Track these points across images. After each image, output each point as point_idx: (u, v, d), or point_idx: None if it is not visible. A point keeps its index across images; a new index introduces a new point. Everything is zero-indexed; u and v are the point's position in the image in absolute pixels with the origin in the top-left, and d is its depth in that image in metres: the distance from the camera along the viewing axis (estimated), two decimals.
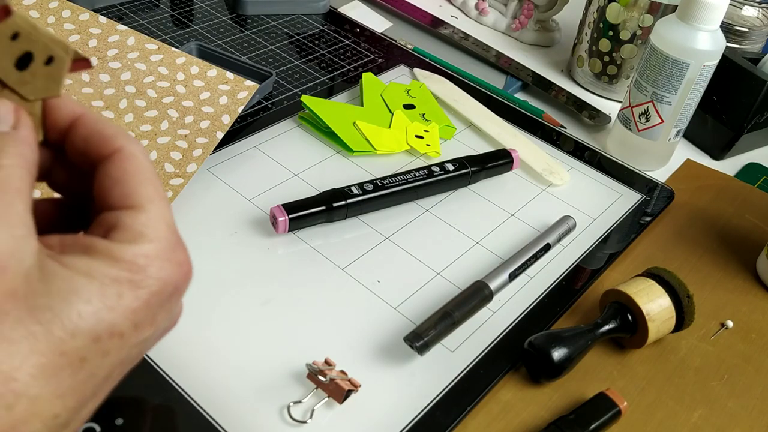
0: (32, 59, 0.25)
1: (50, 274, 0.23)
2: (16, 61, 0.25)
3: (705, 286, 0.52)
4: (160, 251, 0.25)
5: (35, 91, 0.26)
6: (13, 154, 0.24)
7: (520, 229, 0.54)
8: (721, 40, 0.56)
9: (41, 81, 0.26)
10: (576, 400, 0.43)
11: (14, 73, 0.25)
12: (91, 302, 0.23)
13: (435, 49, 0.77)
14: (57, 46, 0.25)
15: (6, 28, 0.25)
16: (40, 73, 0.25)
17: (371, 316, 0.45)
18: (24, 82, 0.25)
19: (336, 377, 0.39)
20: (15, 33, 0.25)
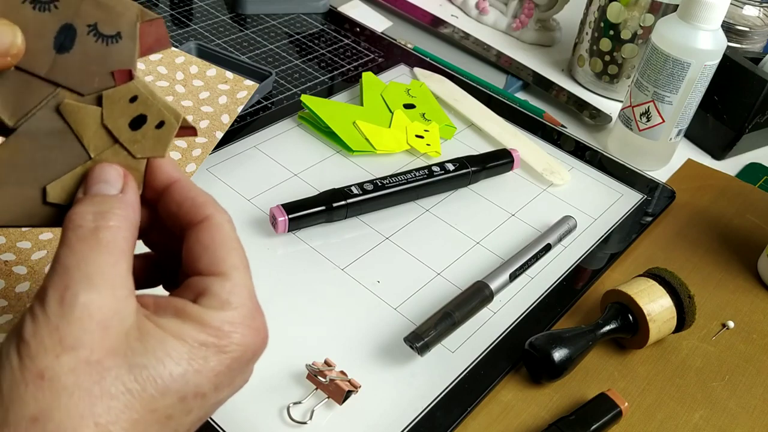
0: (145, 121, 0.28)
1: (146, 334, 0.25)
2: (130, 122, 0.28)
3: (706, 287, 0.52)
4: (243, 318, 0.27)
5: (143, 150, 0.28)
6: (119, 217, 0.26)
7: (521, 229, 0.54)
8: (722, 40, 0.56)
9: (150, 142, 0.28)
10: (577, 400, 0.42)
11: (127, 132, 0.28)
12: (181, 364, 0.25)
13: (435, 49, 0.77)
14: (169, 113, 0.28)
15: (127, 91, 0.28)
16: (150, 135, 0.28)
17: (371, 316, 0.45)
18: (135, 141, 0.28)
19: (336, 378, 0.39)
20: (134, 96, 0.28)
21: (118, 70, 0.28)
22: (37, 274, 0.42)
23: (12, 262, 0.43)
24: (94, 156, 0.28)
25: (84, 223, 0.26)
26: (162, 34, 0.29)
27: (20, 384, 0.22)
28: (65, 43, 0.27)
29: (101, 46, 0.27)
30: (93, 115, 0.28)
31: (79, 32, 0.27)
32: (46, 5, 0.27)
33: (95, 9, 0.27)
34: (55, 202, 0.28)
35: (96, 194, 0.27)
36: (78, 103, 0.27)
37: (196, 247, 0.28)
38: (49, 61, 0.27)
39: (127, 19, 0.28)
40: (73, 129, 0.28)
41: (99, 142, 0.28)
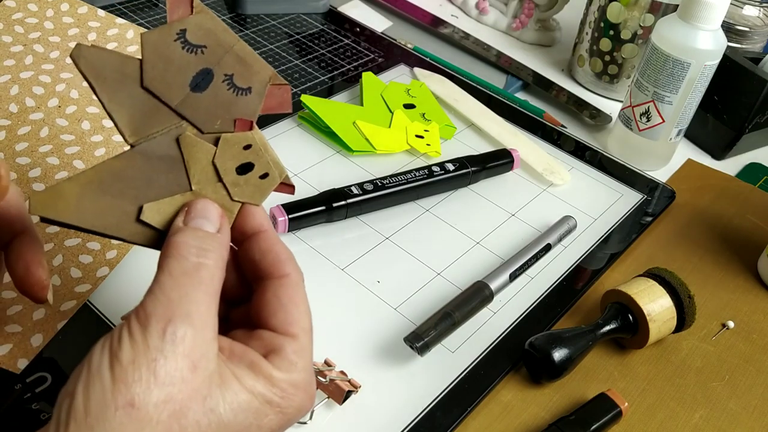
0: (252, 169, 0.30)
1: (225, 382, 0.26)
2: (238, 166, 0.30)
3: (706, 287, 0.52)
4: (303, 383, 0.28)
5: (242, 195, 0.30)
6: (215, 256, 0.27)
7: (521, 229, 0.54)
8: (722, 40, 0.56)
9: (250, 189, 0.30)
10: (577, 400, 0.42)
11: (232, 175, 0.30)
12: (248, 418, 0.26)
13: (435, 49, 0.77)
14: (275, 168, 0.31)
15: (244, 139, 0.30)
16: (252, 183, 0.30)
17: (371, 316, 0.45)
18: (237, 184, 0.30)
19: (336, 378, 0.39)
20: (249, 144, 0.30)
21: (241, 119, 0.30)
22: None
23: None
24: (195, 188, 0.30)
25: (189, 255, 0.27)
26: (286, 99, 0.31)
27: (110, 406, 0.23)
28: (201, 84, 0.30)
29: (231, 95, 0.30)
30: (206, 152, 0.30)
31: (215, 78, 0.30)
32: (195, 48, 0.29)
33: (236, 62, 0.30)
34: (147, 222, 0.29)
35: (197, 228, 0.28)
36: (197, 137, 0.30)
37: (273, 302, 0.29)
38: (182, 96, 0.29)
39: (260, 78, 0.30)
40: (185, 159, 0.30)
41: (204, 177, 0.30)
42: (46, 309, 0.41)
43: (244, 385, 0.26)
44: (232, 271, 0.31)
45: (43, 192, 0.28)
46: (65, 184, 0.28)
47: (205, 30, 0.30)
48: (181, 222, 0.29)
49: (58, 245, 0.44)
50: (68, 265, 0.43)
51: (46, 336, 0.40)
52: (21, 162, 0.47)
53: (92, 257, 0.44)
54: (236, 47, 0.30)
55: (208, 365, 0.25)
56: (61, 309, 0.41)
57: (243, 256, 0.31)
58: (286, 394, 0.27)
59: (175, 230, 0.28)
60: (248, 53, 0.30)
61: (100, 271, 0.44)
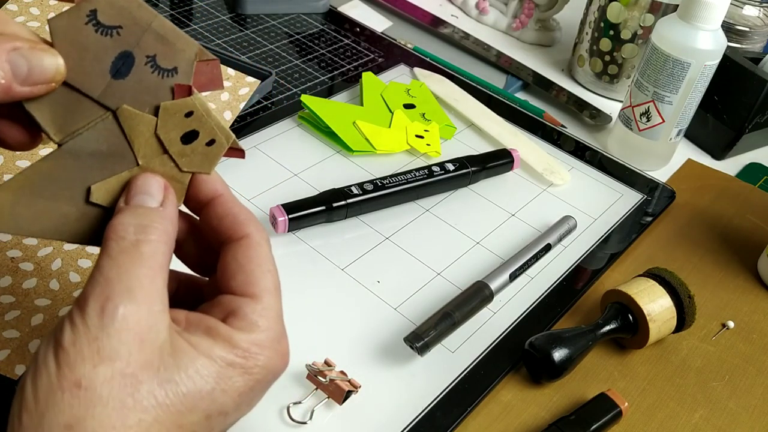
0: (197, 137, 0.29)
1: (179, 350, 0.25)
2: (182, 135, 0.29)
3: (706, 287, 0.52)
4: (270, 341, 0.27)
5: (190, 164, 0.29)
6: (159, 231, 0.27)
7: (521, 229, 0.54)
8: (722, 40, 0.56)
9: (198, 158, 0.29)
10: (577, 400, 0.42)
11: (178, 145, 0.29)
12: (209, 383, 0.25)
13: (435, 49, 0.77)
14: (221, 133, 0.29)
15: (184, 106, 0.28)
16: (199, 151, 0.29)
17: (371, 316, 0.45)
18: (183, 154, 0.29)
19: (336, 378, 0.39)
20: (190, 111, 0.28)
21: (178, 84, 0.28)
22: (43, 271, 0.43)
23: (18, 259, 0.43)
24: (141, 163, 0.29)
25: (126, 234, 0.26)
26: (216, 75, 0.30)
27: (57, 391, 0.23)
28: (122, 69, 0.28)
29: (156, 78, 0.28)
30: (148, 124, 0.28)
31: (137, 61, 0.28)
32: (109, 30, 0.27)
33: (157, 42, 0.28)
34: (98, 203, 0.28)
35: (138, 205, 0.27)
36: (135, 110, 0.28)
37: (232, 265, 0.28)
38: (103, 85, 0.28)
39: (186, 55, 0.28)
40: (126, 134, 0.28)
41: (149, 150, 0.28)
42: (44, 314, 0.41)
43: (200, 350, 0.25)
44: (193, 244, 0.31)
45: None
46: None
47: (117, 8, 0.27)
48: (123, 202, 0.28)
49: (56, 249, 0.44)
50: (67, 269, 0.43)
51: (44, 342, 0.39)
52: (20, 165, 0.47)
53: (91, 261, 0.44)
54: (154, 24, 0.28)
55: (158, 336, 0.25)
56: (60, 314, 0.41)
57: (203, 225, 0.30)
58: (248, 353, 0.26)
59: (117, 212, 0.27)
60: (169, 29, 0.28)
61: None
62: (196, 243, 0.31)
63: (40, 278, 0.42)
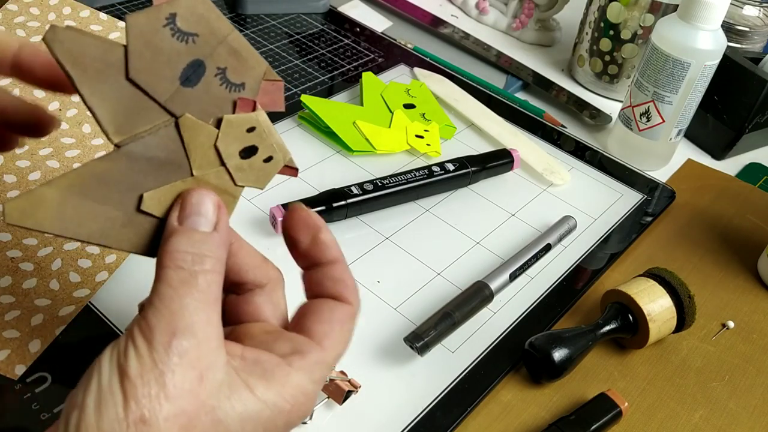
0: (255, 153, 0.29)
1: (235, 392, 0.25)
2: (242, 150, 0.29)
3: (706, 287, 0.52)
4: (313, 394, 0.28)
5: (246, 179, 0.29)
6: (212, 260, 0.26)
7: (521, 229, 0.54)
8: (722, 40, 0.56)
9: (254, 173, 0.29)
10: (577, 400, 0.42)
11: (236, 159, 0.29)
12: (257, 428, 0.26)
13: (435, 49, 0.77)
14: (279, 151, 0.29)
15: (247, 121, 0.28)
16: (256, 167, 0.29)
17: (371, 316, 0.45)
18: (240, 169, 0.29)
19: (336, 378, 0.39)
20: (252, 127, 0.28)
21: (242, 99, 0.28)
22: (43, 271, 0.43)
23: (18, 259, 0.43)
24: (196, 174, 0.28)
25: (185, 264, 0.26)
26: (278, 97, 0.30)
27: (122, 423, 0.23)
28: (191, 77, 0.27)
29: (224, 91, 0.28)
30: (208, 135, 0.28)
31: (207, 72, 0.28)
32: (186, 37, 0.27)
33: (230, 56, 0.28)
34: (149, 212, 0.28)
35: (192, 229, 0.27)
36: (198, 119, 0.28)
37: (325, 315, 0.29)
38: (171, 90, 0.27)
39: (255, 73, 0.28)
40: (185, 143, 0.28)
41: (205, 161, 0.28)
42: (44, 314, 0.41)
43: (255, 394, 0.26)
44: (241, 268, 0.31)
45: (20, 198, 0.25)
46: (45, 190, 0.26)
47: (197, 16, 0.27)
48: (176, 220, 0.27)
49: (57, 249, 0.44)
50: (67, 269, 0.43)
51: (45, 342, 0.39)
52: (21, 165, 0.47)
53: (91, 261, 0.44)
54: (230, 37, 0.27)
55: (216, 375, 0.25)
56: (60, 314, 0.41)
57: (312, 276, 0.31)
58: (295, 401, 0.27)
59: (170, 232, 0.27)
60: (243, 45, 0.28)
61: (99, 275, 0.43)
62: None
63: (40, 278, 0.42)
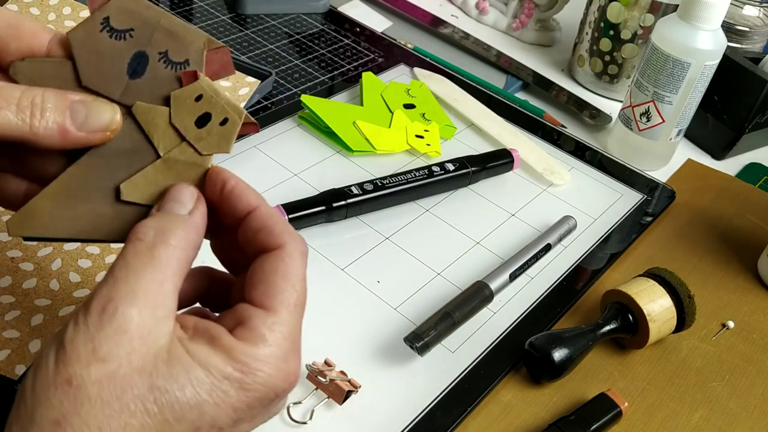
0: (210, 119, 0.29)
1: (174, 358, 0.25)
2: (196, 120, 0.29)
3: (706, 287, 0.52)
4: (274, 358, 0.26)
5: (209, 147, 0.29)
6: (179, 237, 0.27)
7: (521, 229, 0.54)
8: (722, 40, 0.56)
9: (215, 139, 0.29)
10: (577, 400, 0.42)
11: (193, 130, 0.29)
12: (201, 394, 0.25)
13: (435, 49, 0.77)
14: (232, 110, 0.29)
15: (193, 91, 0.29)
16: (215, 132, 0.29)
17: (371, 316, 0.45)
18: (200, 138, 0.29)
19: (336, 378, 0.39)
20: (199, 95, 0.29)
21: (185, 72, 0.29)
22: (43, 271, 0.43)
23: (18, 259, 0.43)
24: (162, 155, 0.29)
25: (145, 237, 0.26)
26: (226, 61, 0.31)
27: (50, 387, 0.23)
28: (138, 69, 0.29)
29: (170, 72, 0.29)
30: (162, 115, 0.29)
31: (151, 59, 0.29)
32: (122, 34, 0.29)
33: (167, 38, 0.29)
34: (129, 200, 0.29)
35: (165, 212, 0.28)
36: (148, 104, 0.29)
37: (257, 274, 0.28)
38: (122, 86, 0.29)
39: (195, 47, 0.29)
40: (144, 128, 0.29)
41: (167, 141, 0.29)
42: (44, 314, 0.41)
43: (197, 360, 0.25)
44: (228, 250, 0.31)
45: (18, 214, 0.28)
46: (36, 201, 0.29)
47: (127, 12, 0.29)
48: (155, 209, 0.28)
49: (57, 249, 0.44)
50: (67, 269, 0.43)
51: (45, 342, 0.39)
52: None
53: (91, 261, 0.44)
54: (163, 21, 0.29)
55: (156, 342, 0.25)
56: (60, 314, 0.41)
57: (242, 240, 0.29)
58: (247, 368, 0.25)
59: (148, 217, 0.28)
60: (177, 25, 0.29)
61: (99, 275, 0.43)
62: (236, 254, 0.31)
63: (40, 278, 0.42)
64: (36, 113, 0.27)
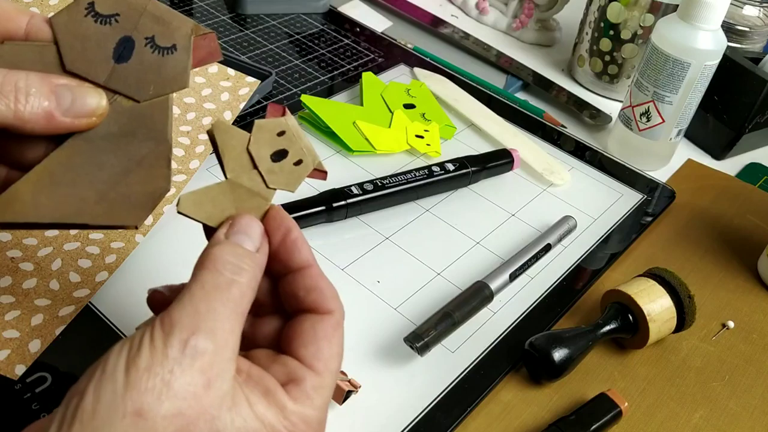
0: (285, 156, 0.30)
1: (236, 405, 0.25)
2: (273, 153, 0.30)
3: (706, 287, 0.52)
4: (315, 421, 0.27)
5: (277, 182, 0.30)
6: (249, 275, 0.27)
7: (521, 229, 0.54)
8: (722, 40, 0.56)
9: (285, 176, 0.30)
10: (577, 400, 0.42)
11: (267, 162, 0.30)
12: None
13: (435, 49, 0.77)
14: (309, 154, 0.30)
15: (278, 125, 0.30)
16: (286, 170, 0.30)
17: (371, 316, 0.45)
18: (272, 171, 0.30)
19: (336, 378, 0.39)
20: (282, 131, 0.30)
21: (273, 105, 0.30)
22: (43, 271, 0.42)
23: (18, 259, 0.43)
24: (230, 176, 0.29)
25: (224, 271, 0.26)
26: (214, 48, 0.30)
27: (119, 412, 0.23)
28: (124, 54, 0.29)
29: (157, 57, 0.29)
30: (240, 139, 0.30)
31: (137, 44, 0.29)
32: (107, 19, 0.29)
33: (153, 23, 0.29)
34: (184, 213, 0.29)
35: (237, 244, 0.28)
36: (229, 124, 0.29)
37: (309, 334, 0.29)
38: (108, 70, 0.29)
39: (182, 32, 0.29)
40: (219, 147, 0.29)
41: (238, 165, 0.29)
42: (44, 314, 0.41)
43: (255, 411, 0.25)
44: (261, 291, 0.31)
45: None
46: (18, 186, 0.28)
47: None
48: (223, 235, 0.28)
49: (57, 249, 0.44)
50: (67, 269, 0.43)
51: (45, 342, 0.39)
52: None
53: (91, 261, 0.44)
54: (149, 7, 0.29)
55: (223, 385, 0.25)
56: (60, 314, 0.41)
57: (285, 288, 0.30)
58: (295, 428, 0.26)
59: (215, 242, 0.28)
60: (163, 10, 0.29)
61: (99, 275, 0.43)
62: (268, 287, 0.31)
63: (40, 278, 0.42)
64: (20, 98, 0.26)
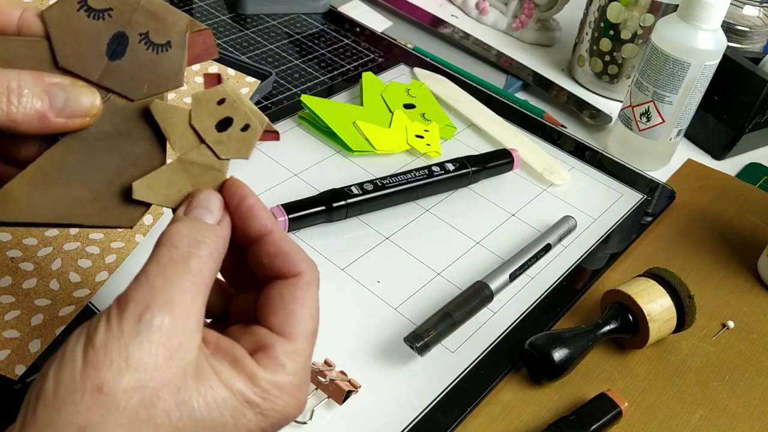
0: (231, 124, 0.29)
1: (202, 375, 0.25)
2: (217, 123, 0.29)
3: (706, 287, 0.52)
4: (292, 386, 0.27)
5: (228, 151, 0.29)
6: (210, 247, 0.27)
7: (521, 229, 0.54)
8: (722, 40, 0.56)
9: (235, 144, 0.29)
10: (577, 400, 0.42)
11: (213, 133, 0.29)
12: (224, 415, 0.25)
13: (435, 49, 0.77)
14: (255, 117, 0.29)
15: (216, 94, 0.29)
16: (235, 137, 0.29)
17: (371, 316, 0.45)
18: (220, 142, 0.29)
19: (336, 378, 0.39)
20: (222, 99, 0.29)
21: (208, 74, 0.29)
22: (43, 271, 0.43)
23: (18, 259, 0.43)
24: (179, 155, 0.29)
25: (180, 245, 0.26)
26: (209, 44, 0.30)
27: (78, 390, 0.23)
28: (117, 50, 0.28)
29: (152, 54, 0.28)
30: (181, 115, 0.29)
31: (131, 40, 0.28)
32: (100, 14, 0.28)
33: (147, 19, 0.28)
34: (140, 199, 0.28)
35: (196, 218, 0.27)
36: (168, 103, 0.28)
37: (276, 300, 0.28)
38: (101, 67, 0.28)
39: (177, 29, 0.29)
40: (162, 127, 0.29)
41: (185, 142, 0.29)
42: (44, 314, 0.41)
43: (223, 380, 0.25)
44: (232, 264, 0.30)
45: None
46: (12, 185, 0.28)
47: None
48: (182, 212, 0.28)
49: (57, 249, 0.44)
50: (67, 269, 0.43)
51: (45, 342, 0.39)
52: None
53: (91, 261, 0.44)
54: (143, 2, 0.28)
55: (186, 356, 0.24)
56: (60, 314, 0.41)
57: (252, 259, 0.30)
58: (267, 395, 0.26)
59: (173, 220, 0.28)
60: (158, 5, 0.28)
61: (99, 275, 0.43)
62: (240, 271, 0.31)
63: (40, 278, 0.42)
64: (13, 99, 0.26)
